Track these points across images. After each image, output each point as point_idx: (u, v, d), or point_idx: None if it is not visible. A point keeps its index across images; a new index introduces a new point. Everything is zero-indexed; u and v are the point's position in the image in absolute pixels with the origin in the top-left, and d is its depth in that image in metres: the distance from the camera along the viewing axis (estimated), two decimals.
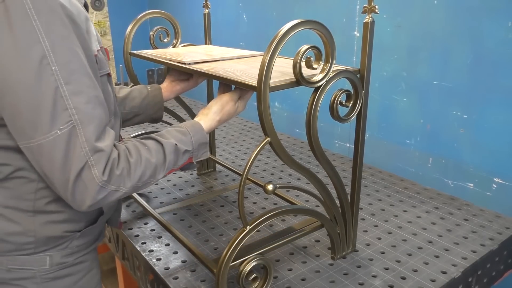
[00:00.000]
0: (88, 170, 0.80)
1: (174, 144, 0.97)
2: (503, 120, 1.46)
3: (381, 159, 1.85)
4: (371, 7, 0.96)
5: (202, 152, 1.03)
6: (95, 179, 0.81)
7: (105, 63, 0.95)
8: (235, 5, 2.53)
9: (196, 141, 1.01)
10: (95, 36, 0.91)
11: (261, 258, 0.98)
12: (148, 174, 0.91)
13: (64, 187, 0.80)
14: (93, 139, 0.80)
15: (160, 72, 3.01)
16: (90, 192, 0.81)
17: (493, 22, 1.42)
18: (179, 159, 0.98)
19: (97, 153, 0.81)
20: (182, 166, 1.02)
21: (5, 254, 0.88)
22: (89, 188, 0.81)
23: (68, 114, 0.77)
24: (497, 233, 1.29)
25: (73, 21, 0.81)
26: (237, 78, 0.95)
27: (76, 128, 0.78)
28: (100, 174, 0.81)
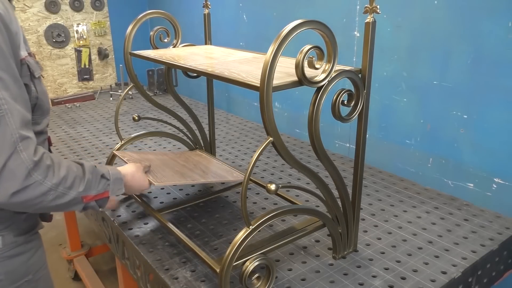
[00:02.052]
0: (17, 155, 0.85)
1: (93, 165, 1.06)
2: (503, 120, 1.46)
3: (381, 159, 1.86)
4: (372, 7, 0.96)
5: (118, 187, 1.11)
6: (24, 163, 0.85)
7: (36, 66, 1.01)
8: (235, 5, 2.53)
9: (113, 174, 1.10)
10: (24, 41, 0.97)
11: (263, 258, 0.98)
12: (70, 180, 0.96)
13: None
14: (21, 128, 0.86)
15: (160, 72, 3.00)
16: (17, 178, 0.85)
17: (493, 22, 1.42)
18: (97, 182, 1.04)
19: (25, 139, 0.87)
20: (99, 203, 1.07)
21: None
22: (17, 173, 0.85)
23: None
24: (497, 233, 1.29)
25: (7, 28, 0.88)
26: (242, 79, 0.95)
27: (5, 117, 0.84)
28: (30, 157, 0.86)
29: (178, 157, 1.57)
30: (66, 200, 0.96)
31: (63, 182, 0.94)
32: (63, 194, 0.95)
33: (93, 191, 1.02)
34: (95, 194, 1.03)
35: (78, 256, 2.55)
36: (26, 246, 1.04)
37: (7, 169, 0.84)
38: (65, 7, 3.02)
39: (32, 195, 0.88)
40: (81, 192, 0.99)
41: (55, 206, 0.95)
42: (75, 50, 3.13)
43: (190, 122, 1.71)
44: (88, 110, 2.74)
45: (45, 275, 1.12)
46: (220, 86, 2.69)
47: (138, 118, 1.58)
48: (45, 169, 0.89)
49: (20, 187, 0.86)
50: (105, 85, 3.27)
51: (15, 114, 0.86)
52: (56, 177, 0.92)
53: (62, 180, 0.93)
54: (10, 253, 1.01)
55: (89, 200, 1.02)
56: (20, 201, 0.87)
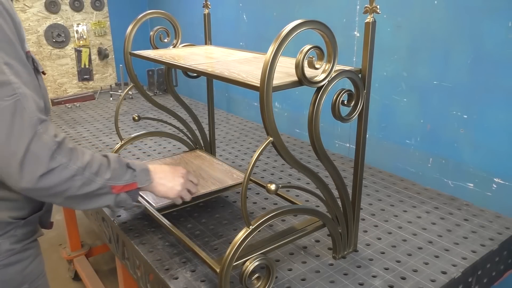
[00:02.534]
0: (38, 139, 0.83)
1: (117, 155, 1.03)
2: (503, 120, 1.46)
3: (381, 159, 1.86)
4: (372, 7, 0.96)
5: (146, 178, 1.08)
6: (47, 145, 0.83)
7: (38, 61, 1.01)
8: (235, 5, 2.53)
9: (138, 164, 1.07)
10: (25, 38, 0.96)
11: (263, 258, 0.98)
12: (96, 166, 0.93)
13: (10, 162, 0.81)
14: (37, 112, 0.84)
15: (160, 72, 3.00)
16: (42, 161, 0.83)
17: (493, 22, 1.42)
18: (123, 171, 1.01)
19: (43, 122, 0.85)
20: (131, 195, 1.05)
21: None
22: (41, 156, 0.83)
23: (11, 88, 0.81)
24: (497, 233, 1.29)
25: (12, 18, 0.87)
26: (242, 79, 0.95)
27: (21, 101, 0.82)
28: (52, 139, 0.84)
29: (177, 164, 1.57)
30: (94, 188, 0.93)
31: (88, 167, 0.91)
32: (90, 180, 0.92)
33: (121, 181, 1.00)
34: (123, 184, 1.00)
35: (78, 256, 2.55)
36: (23, 255, 1.01)
37: (31, 153, 0.82)
38: (65, 7, 3.02)
39: (59, 179, 0.86)
40: (108, 180, 0.96)
41: (84, 195, 0.93)
42: (75, 50, 3.13)
43: (190, 122, 1.71)
44: (88, 110, 2.74)
45: (42, 285, 1.09)
46: (220, 86, 2.69)
47: (138, 118, 1.58)
48: (68, 151, 0.88)
49: (46, 170, 0.84)
50: (105, 85, 3.27)
51: (30, 99, 0.84)
52: (80, 161, 0.90)
53: (87, 165, 0.91)
54: (6, 261, 0.98)
55: (118, 191, 0.99)
56: (49, 185, 0.85)
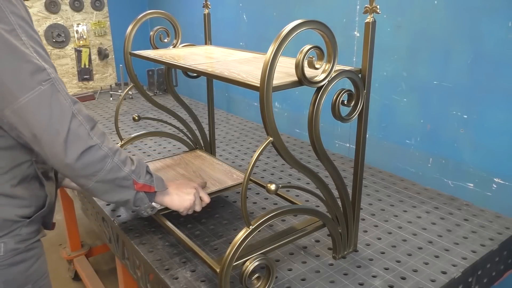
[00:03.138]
0: (75, 118, 0.89)
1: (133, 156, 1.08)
2: (503, 120, 1.46)
3: (381, 159, 1.86)
4: (372, 7, 0.96)
5: (162, 184, 1.12)
6: (83, 124, 0.90)
7: None
8: (235, 5, 2.53)
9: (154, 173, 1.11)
10: None
11: (263, 258, 0.98)
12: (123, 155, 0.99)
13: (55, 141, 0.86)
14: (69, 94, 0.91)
15: (160, 72, 3.00)
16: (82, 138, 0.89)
17: (493, 22, 1.42)
18: (143, 171, 1.06)
19: (76, 103, 0.91)
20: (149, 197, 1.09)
21: None
22: (80, 134, 0.89)
23: (46, 73, 0.87)
24: (497, 233, 1.29)
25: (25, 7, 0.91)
26: (242, 79, 0.95)
27: (55, 85, 0.88)
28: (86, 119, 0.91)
29: (177, 164, 1.57)
30: (121, 175, 0.98)
31: (118, 154, 0.97)
32: (118, 166, 0.97)
33: (141, 178, 1.04)
34: (143, 183, 1.05)
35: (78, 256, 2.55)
36: (27, 254, 1.02)
37: (72, 131, 0.88)
38: (65, 7, 3.02)
39: (94, 157, 0.91)
40: (133, 171, 1.02)
41: (111, 181, 0.98)
42: (75, 50, 3.13)
43: (190, 122, 1.71)
44: (88, 110, 2.73)
45: (45, 285, 1.09)
46: (220, 86, 2.69)
47: (138, 118, 1.58)
48: (101, 134, 0.94)
49: (86, 147, 0.90)
50: (105, 85, 3.27)
51: (61, 82, 0.90)
52: (111, 145, 0.96)
53: (117, 151, 0.97)
54: (10, 261, 0.98)
55: (139, 189, 1.04)
56: (87, 162, 0.91)
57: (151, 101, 1.60)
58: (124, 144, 1.54)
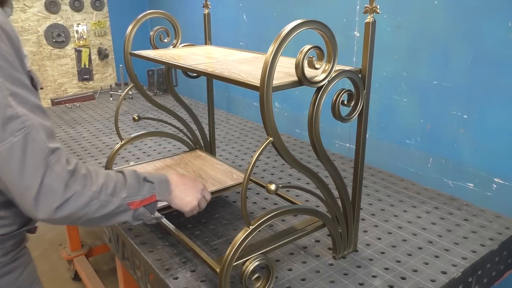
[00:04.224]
0: (51, 171, 0.81)
1: (132, 170, 1.02)
2: (503, 120, 1.46)
3: (381, 159, 1.86)
4: (372, 7, 0.96)
5: (165, 189, 1.06)
6: (60, 175, 0.82)
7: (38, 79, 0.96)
8: (235, 5, 2.53)
9: (156, 176, 1.05)
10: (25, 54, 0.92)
11: (263, 258, 0.98)
12: (111, 186, 0.92)
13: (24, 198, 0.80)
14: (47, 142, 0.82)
15: (160, 72, 3.00)
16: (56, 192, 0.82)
17: (493, 22, 1.42)
18: (140, 186, 0.99)
19: (55, 152, 0.83)
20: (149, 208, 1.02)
21: None
22: (55, 187, 0.82)
23: (20, 121, 0.79)
24: (497, 233, 1.29)
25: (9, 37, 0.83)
26: (242, 79, 0.95)
27: (31, 133, 0.80)
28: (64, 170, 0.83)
29: (177, 164, 1.57)
30: (111, 209, 0.92)
31: (104, 189, 0.90)
32: (107, 202, 0.91)
33: (138, 196, 0.98)
34: (141, 199, 0.98)
35: (78, 256, 2.55)
36: (13, 265, 0.97)
37: (45, 186, 0.81)
38: (65, 7, 3.03)
39: (76, 207, 0.85)
40: (125, 198, 0.95)
41: (102, 217, 0.91)
42: (75, 50, 3.13)
43: (190, 122, 1.71)
44: (88, 110, 2.74)
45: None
46: (220, 86, 2.69)
47: (138, 118, 1.58)
48: (82, 178, 0.86)
49: (62, 201, 0.83)
50: (105, 85, 3.27)
51: (39, 128, 0.82)
52: (95, 184, 0.88)
53: (102, 187, 0.90)
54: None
55: (136, 207, 0.97)
56: (66, 215, 0.84)
57: (151, 101, 1.60)
58: (124, 144, 1.54)
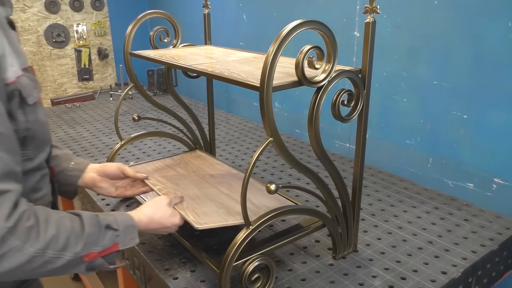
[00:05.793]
0: None
1: (94, 215, 0.88)
2: (503, 120, 1.46)
3: (381, 159, 1.85)
4: (372, 7, 0.96)
5: (130, 237, 0.93)
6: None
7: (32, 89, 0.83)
8: (235, 5, 2.53)
9: (122, 221, 0.92)
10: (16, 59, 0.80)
11: (263, 258, 0.98)
12: (62, 239, 0.78)
13: None
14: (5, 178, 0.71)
15: (160, 72, 3.00)
16: None
17: (493, 22, 1.42)
18: (101, 235, 0.86)
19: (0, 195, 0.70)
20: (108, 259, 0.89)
21: None
22: None
23: None
24: (497, 234, 1.29)
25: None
26: (242, 79, 0.95)
27: None
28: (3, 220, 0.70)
29: (177, 164, 1.57)
30: (59, 264, 0.78)
31: (53, 244, 0.76)
32: (55, 258, 0.77)
33: (97, 247, 0.85)
34: (100, 250, 0.85)
35: None
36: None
37: None
38: (65, 7, 3.02)
39: (10, 265, 0.71)
40: (79, 252, 0.81)
41: (46, 272, 0.78)
42: (75, 50, 3.13)
43: (190, 122, 1.71)
44: (88, 110, 2.74)
45: None
46: (220, 86, 2.69)
47: (138, 118, 1.58)
48: (24, 231, 0.72)
49: None
50: (105, 85, 3.27)
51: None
52: (41, 239, 0.75)
53: (50, 242, 0.76)
54: None
55: (93, 258, 0.84)
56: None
57: (151, 101, 1.60)
58: (124, 144, 1.54)
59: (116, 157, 1.56)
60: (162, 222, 1.05)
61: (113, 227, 0.89)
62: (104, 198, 1.49)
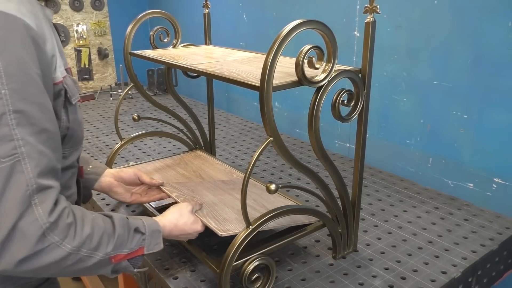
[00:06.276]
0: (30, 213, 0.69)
1: (124, 217, 0.89)
2: (503, 120, 1.46)
3: (381, 159, 1.86)
4: (372, 7, 0.96)
5: (156, 242, 0.94)
6: (38, 221, 0.69)
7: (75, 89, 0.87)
8: (235, 5, 2.53)
9: (149, 225, 0.93)
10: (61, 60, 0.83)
11: (263, 257, 0.98)
12: (96, 238, 0.79)
13: None
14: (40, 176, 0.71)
15: (160, 72, 3.00)
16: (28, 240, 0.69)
17: (493, 22, 1.42)
18: (130, 238, 0.87)
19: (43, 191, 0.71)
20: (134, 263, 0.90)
21: None
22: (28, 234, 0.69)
23: (13, 146, 0.68)
24: (497, 233, 1.29)
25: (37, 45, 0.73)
26: (242, 79, 0.95)
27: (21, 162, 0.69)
28: (46, 215, 0.70)
29: (177, 164, 1.57)
30: (89, 264, 0.79)
31: (87, 243, 0.78)
32: (87, 257, 0.78)
33: (125, 249, 0.85)
34: (127, 253, 0.86)
35: None
36: None
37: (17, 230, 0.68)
38: (65, 7, 3.02)
39: (47, 261, 0.72)
40: (109, 253, 0.82)
41: (76, 271, 0.79)
42: (75, 50, 3.13)
43: (190, 122, 1.71)
44: (88, 110, 2.74)
45: None
46: (220, 86, 2.69)
47: (138, 118, 1.58)
48: (64, 228, 0.74)
49: (31, 252, 0.69)
50: (105, 85, 3.27)
51: (36, 158, 0.70)
52: (78, 237, 0.76)
53: (86, 240, 0.77)
54: None
55: (119, 260, 0.85)
56: (31, 268, 0.71)
57: (151, 101, 1.60)
58: (124, 144, 1.54)
59: (116, 157, 1.56)
60: (185, 229, 1.05)
61: (141, 231, 0.90)
62: (104, 198, 1.49)
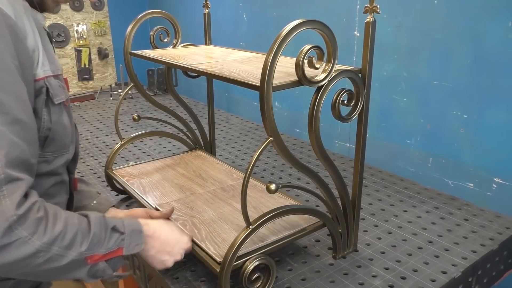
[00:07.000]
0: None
1: (101, 215, 0.85)
2: (503, 120, 1.46)
3: (381, 159, 1.86)
4: (372, 7, 0.96)
5: (136, 242, 0.89)
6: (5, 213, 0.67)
7: (60, 90, 0.86)
8: (235, 5, 2.53)
9: (128, 225, 0.88)
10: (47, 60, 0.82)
11: (263, 257, 0.98)
12: (69, 236, 0.75)
13: None
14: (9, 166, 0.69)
15: (160, 72, 3.00)
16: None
17: (493, 22, 1.42)
18: (107, 237, 0.83)
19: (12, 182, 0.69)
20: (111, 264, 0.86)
21: None
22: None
23: None
24: (497, 233, 1.29)
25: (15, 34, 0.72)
26: (242, 79, 0.95)
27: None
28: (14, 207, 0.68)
29: (177, 164, 1.57)
30: (62, 263, 0.75)
31: (59, 240, 0.74)
32: (59, 256, 0.74)
33: (101, 249, 0.81)
34: (104, 253, 0.82)
35: None
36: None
37: None
38: (65, 7, 3.02)
39: (13, 257, 0.68)
40: (84, 252, 0.78)
41: (46, 271, 0.75)
42: (75, 50, 3.13)
43: (190, 122, 1.71)
44: (88, 110, 2.74)
45: None
46: (220, 86, 2.69)
47: (138, 118, 1.58)
48: (33, 223, 0.70)
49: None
50: (105, 85, 3.27)
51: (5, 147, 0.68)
52: (48, 233, 0.72)
53: (57, 237, 0.73)
54: None
55: (96, 261, 0.81)
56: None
57: (151, 101, 1.60)
58: (124, 144, 1.54)
59: (116, 157, 1.56)
60: (168, 238, 0.99)
61: (119, 230, 0.86)
62: None
